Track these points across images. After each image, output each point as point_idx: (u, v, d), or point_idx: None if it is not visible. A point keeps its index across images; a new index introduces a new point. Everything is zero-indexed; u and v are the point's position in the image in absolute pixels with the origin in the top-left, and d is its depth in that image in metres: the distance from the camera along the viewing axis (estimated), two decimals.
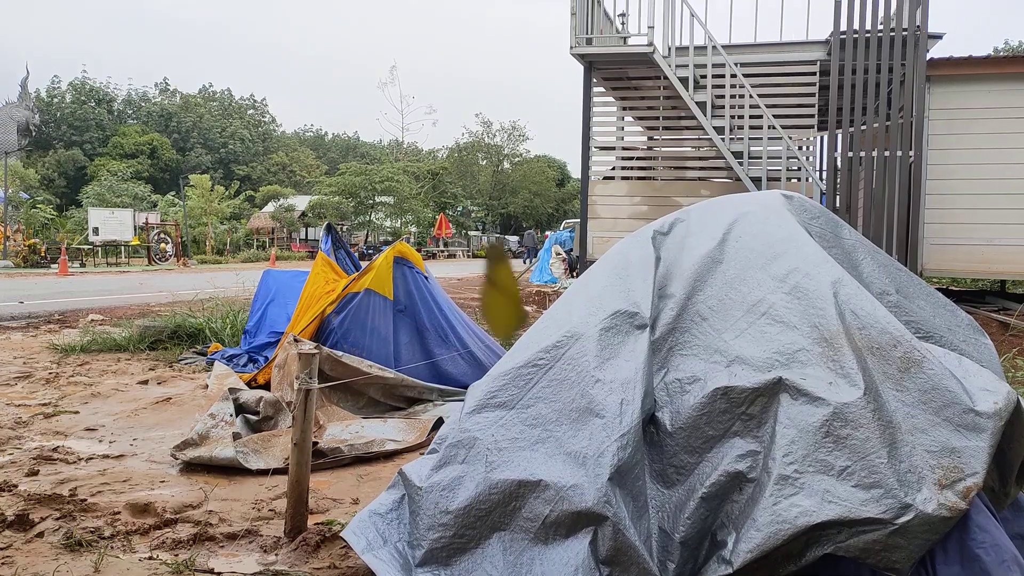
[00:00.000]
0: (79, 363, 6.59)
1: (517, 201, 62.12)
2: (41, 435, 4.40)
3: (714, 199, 3.66)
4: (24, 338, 8.04)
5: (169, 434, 4.47)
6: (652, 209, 10.85)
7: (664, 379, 2.95)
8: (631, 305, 3.07)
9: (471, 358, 5.70)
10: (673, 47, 10.10)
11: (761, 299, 3.00)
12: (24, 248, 27.68)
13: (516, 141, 63.92)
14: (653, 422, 2.88)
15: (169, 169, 57.22)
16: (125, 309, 10.86)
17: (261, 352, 6.37)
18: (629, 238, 3.54)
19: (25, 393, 5.44)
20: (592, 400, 2.82)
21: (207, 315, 7.82)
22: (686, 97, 9.82)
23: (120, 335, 7.43)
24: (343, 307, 5.37)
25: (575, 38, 10.19)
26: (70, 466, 3.85)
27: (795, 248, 3.12)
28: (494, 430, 2.90)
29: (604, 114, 11.42)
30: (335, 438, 4.25)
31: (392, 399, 5.14)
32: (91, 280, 19.26)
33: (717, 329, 3.00)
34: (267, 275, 7.26)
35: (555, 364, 2.99)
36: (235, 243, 41.67)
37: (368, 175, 47.01)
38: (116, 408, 5.06)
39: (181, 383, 5.86)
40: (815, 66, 10.05)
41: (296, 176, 62.71)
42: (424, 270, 5.92)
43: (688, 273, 3.18)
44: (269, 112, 76.51)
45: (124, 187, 44.56)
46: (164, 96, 69.75)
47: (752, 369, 2.81)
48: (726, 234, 3.26)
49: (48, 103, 57.77)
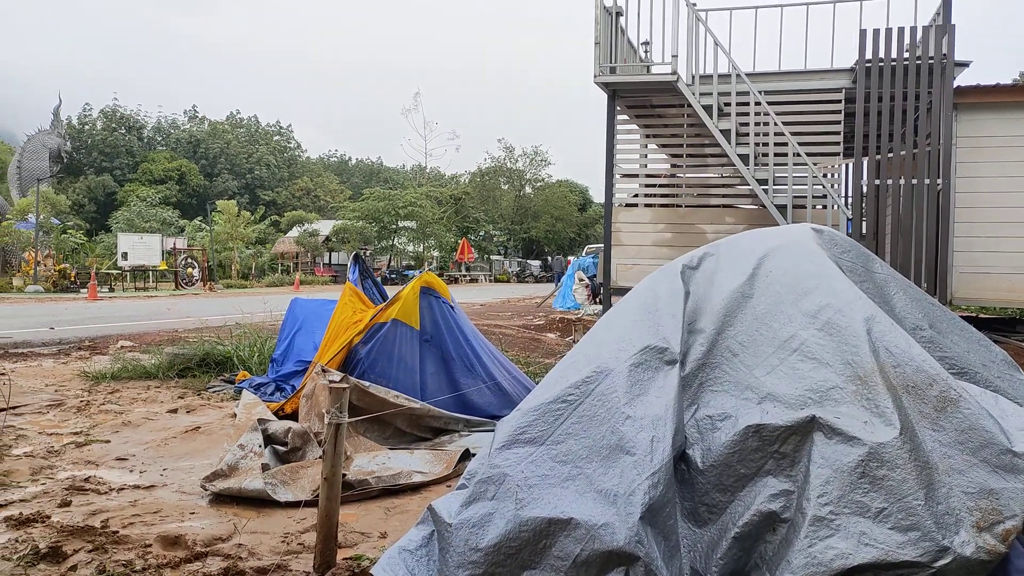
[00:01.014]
0: (110, 391, 6.67)
1: (539, 226, 62.29)
2: (73, 464, 4.45)
3: (743, 233, 3.66)
4: (55, 365, 8.15)
5: (198, 464, 4.50)
6: (676, 236, 10.84)
7: (695, 415, 2.94)
8: (660, 340, 3.06)
9: (497, 388, 5.70)
10: (697, 75, 10.13)
11: (793, 335, 2.98)
12: (54, 273, 28.13)
13: (538, 166, 64.29)
14: (684, 459, 2.86)
15: (197, 194, 58.06)
16: (154, 335, 10.99)
17: (288, 381, 6.41)
18: (658, 272, 3.54)
19: (57, 421, 5.51)
20: (622, 437, 2.81)
21: (235, 343, 7.89)
22: (710, 125, 9.83)
23: (150, 363, 7.52)
24: (370, 337, 5.40)
25: (599, 67, 10.26)
26: (102, 497, 3.88)
27: (826, 283, 3.10)
28: (524, 466, 2.89)
29: (628, 141, 11.45)
30: (362, 470, 4.26)
31: (418, 429, 5.15)
32: (120, 305, 19.53)
33: (748, 365, 2.98)
34: (295, 303, 7.33)
35: (585, 400, 2.98)
36: (260, 268, 42.08)
37: (391, 200, 47.41)
38: (146, 437, 5.10)
39: (210, 412, 5.91)
40: (840, 94, 10.03)
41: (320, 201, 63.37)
42: (450, 299, 5.95)
43: (718, 308, 3.17)
44: (294, 138, 77.63)
45: (153, 212, 45.29)
46: (193, 123, 70.98)
47: (784, 407, 2.79)
48: (756, 269, 3.25)
49: (79, 130, 58.97)
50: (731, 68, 9.95)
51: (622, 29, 10.60)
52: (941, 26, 9.08)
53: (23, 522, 3.45)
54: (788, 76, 10.49)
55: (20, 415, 5.64)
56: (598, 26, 10.11)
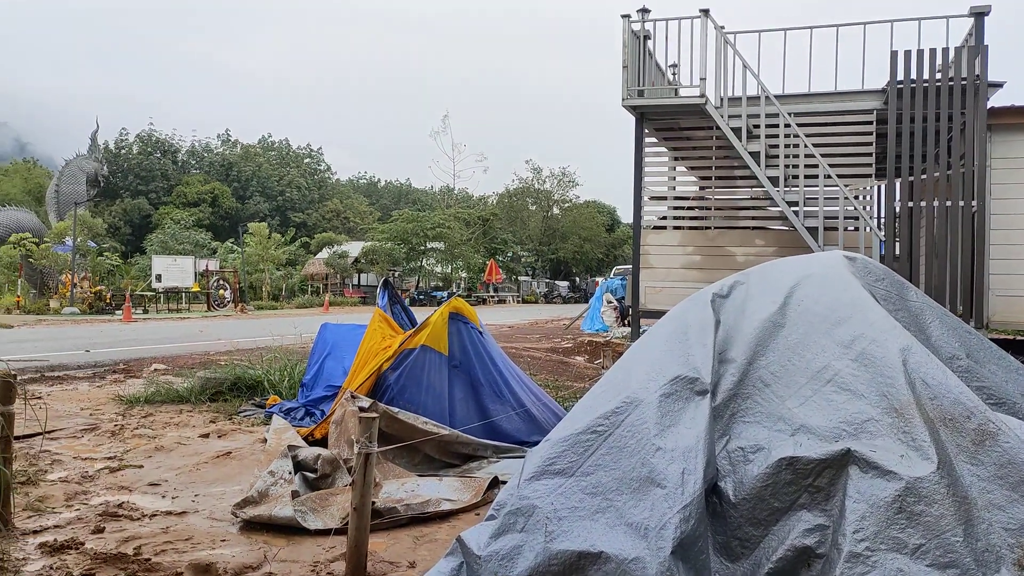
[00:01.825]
0: (143, 415, 6.75)
1: (567, 246, 62.28)
2: (107, 490, 4.50)
3: (774, 261, 3.62)
4: (90, 388, 8.28)
5: (229, 490, 4.53)
6: (705, 259, 10.77)
7: (726, 447, 2.90)
8: (691, 370, 3.03)
9: (525, 414, 5.68)
10: (725, 97, 10.10)
11: (826, 366, 2.94)
12: (90, 295, 28.63)
13: (566, 187, 64.37)
14: (716, 492, 2.82)
15: (229, 217, 58.88)
16: (187, 358, 11.12)
17: (318, 405, 6.45)
18: (687, 300, 3.52)
19: (91, 446, 5.59)
20: (653, 469, 2.78)
21: (265, 367, 7.96)
22: (739, 148, 9.78)
23: (182, 386, 7.61)
24: (399, 363, 5.42)
25: (627, 90, 10.28)
26: (134, 523, 3.92)
27: (860, 313, 3.05)
28: (553, 498, 2.87)
29: (656, 164, 11.43)
30: (391, 497, 4.26)
31: (447, 455, 5.14)
32: (153, 327, 19.81)
33: (780, 396, 2.94)
34: (324, 328, 7.39)
35: (615, 431, 2.95)
36: (290, 289, 42.49)
37: (420, 221, 47.72)
38: (178, 462, 5.15)
39: (240, 436, 5.96)
40: (872, 115, 9.94)
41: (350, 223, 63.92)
42: (479, 324, 5.96)
43: (749, 337, 3.13)
44: (325, 160, 78.51)
45: (186, 235, 45.99)
46: (226, 146, 72.14)
47: (818, 439, 2.74)
48: (788, 297, 3.21)
49: (116, 154, 60.18)
50: (760, 90, 9.92)
51: (650, 52, 10.62)
52: (974, 47, 8.98)
53: (57, 548, 3.50)
54: (818, 98, 10.42)
55: (56, 439, 5.73)
56: (626, 50, 10.14)
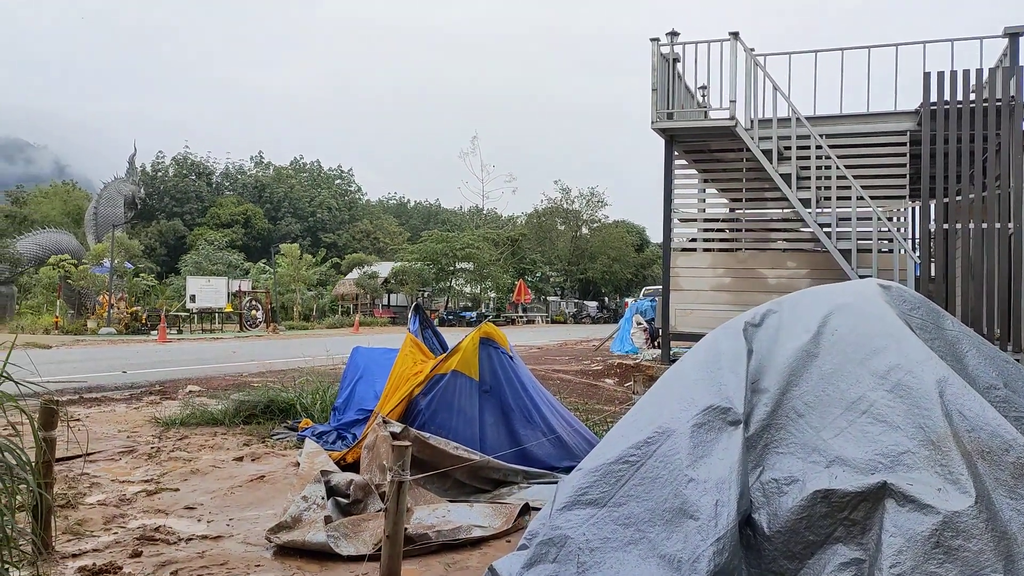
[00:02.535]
0: (179, 437, 6.85)
1: (596, 267, 62.15)
2: (144, 513, 4.57)
3: (806, 290, 3.61)
4: (127, 410, 8.42)
5: (263, 514, 4.58)
6: (736, 281, 10.71)
7: (760, 478, 2.88)
8: (723, 400, 3.02)
9: (556, 439, 5.67)
10: (756, 119, 10.10)
11: (861, 396, 2.91)
12: (126, 315, 29.13)
13: (595, 207, 64.33)
14: (749, 524, 2.80)
15: (261, 237, 59.66)
16: (220, 379, 11.26)
17: (350, 429, 6.50)
18: (719, 329, 3.51)
19: (129, 468, 5.68)
20: (686, 500, 2.77)
21: (297, 389, 8.04)
22: (770, 170, 9.75)
23: (216, 408, 7.71)
24: (430, 389, 5.46)
25: (656, 113, 10.31)
26: (171, 547, 3.98)
27: (895, 343, 3.02)
28: (585, 528, 2.87)
29: (686, 185, 11.42)
30: (422, 523, 4.27)
31: (477, 480, 5.15)
32: (187, 348, 20.09)
33: (815, 427, 2.92)
34: (356, 352, 7.45)
35: (647, 461, 2.95)
36: (321, 309, 42.86)
37: (449, 242, 47.94)
38: (213, 486, 5.22)
39: (274, 460, 6.02)
40: (905, 136, 9.86)
41: (380, 243, 64.39)
42: (509, 349, 5.97)
43: (782, 367, 3.11)
44: (355, 181, 79.41)
45: (219, 255, 46.65)
46: (259, 168, 73.22)
47: (854, 471, 2.72)
48: (821, 327, 3.19)
49: (153, 176, 61.34)
50: (791, 112, 9.89)
51: (679, 75, 10.64)
52: (1008, 68, 8.89)
53: (96, 573, 3.56)
54: (850, 119, 10.37)
55: (94, 462, 5.83)
56: (655, 73, 10.18)
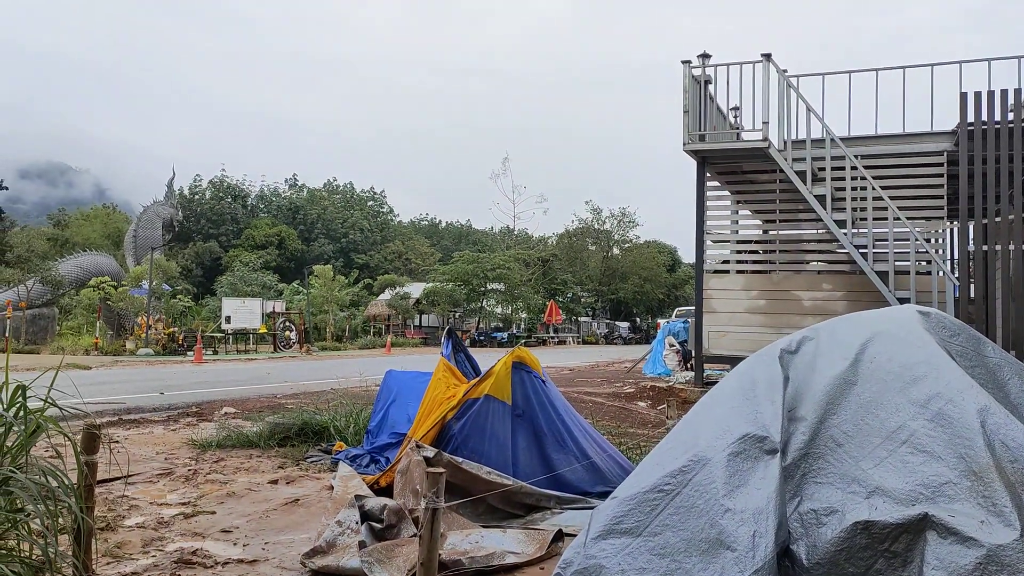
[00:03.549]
0: (215, 459, 6.93)
1: (627, 287, 61.96)
2: (181, 536, 4.63)
3: (843, 316, 3.57)
4: (165, 432, 8.55)
5: (298, 538, 4.61)
6: (770, 303, 10.60)
7: (798, 509, 2.84)
8: (760, 429, 2.99)
9: (589, 464, 5.65)
10: (789, 140, 10.03)
11: (901, 426, 2.87)
12: (164, 336, 29.61)
13: (626, 227, 64.24)
14: (788, 555, 2.76)
15: (295, 259, 60.36)
16: (255, 401, 11.39)
17: (383, 453, 6.52)
18: (754, 356, 3.48)
19: (167, 491, 5.76)
20: (722, 531, 2.74)
21: (331, 412, 8.10)
22: (804, 191, 9.67)
23: (251, 431, 7.80)
24: (463, 413, 5.47)
25: (688, 135, 10.29)
26: (207, 571, 4.02)
27: (935, 371, 2.98)
28: (620, 558, 2.84)
29: (718, 207, 11.36)
30: (456, 549, 4.27)
31: (510, 505, 5.14)
32: (223, 369, 20.35)
33: (854, 457, 2.88)
34: (389, 376, 7.50)
35: (682, 490, 2.92)
36: (353, 330, 43.17)
37: (480, 263, 48.14)
38: (249, 509, 5.27)
39: (308, 483, 6.06)
40: (942, 156, 9.73)
41: (411, 264, 64.82)
42: (541, 373, 5.97)
43: (819, 395, 3.08)
44: (387, 203, 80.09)
45: (254, 276, 47.26)
46: (293, 190, 74.27)
47: (894, 502, 2.67)
48: (859, 354, 3.16)
49: (190, 199, 62.50)
50: (824, 132, 9.82)
51: (711, 96, 10.63)
52: None
53: None
54: (885, 140, 10.26)
55: (133, 484, 5.92)
56: (687, 94, 10.18)
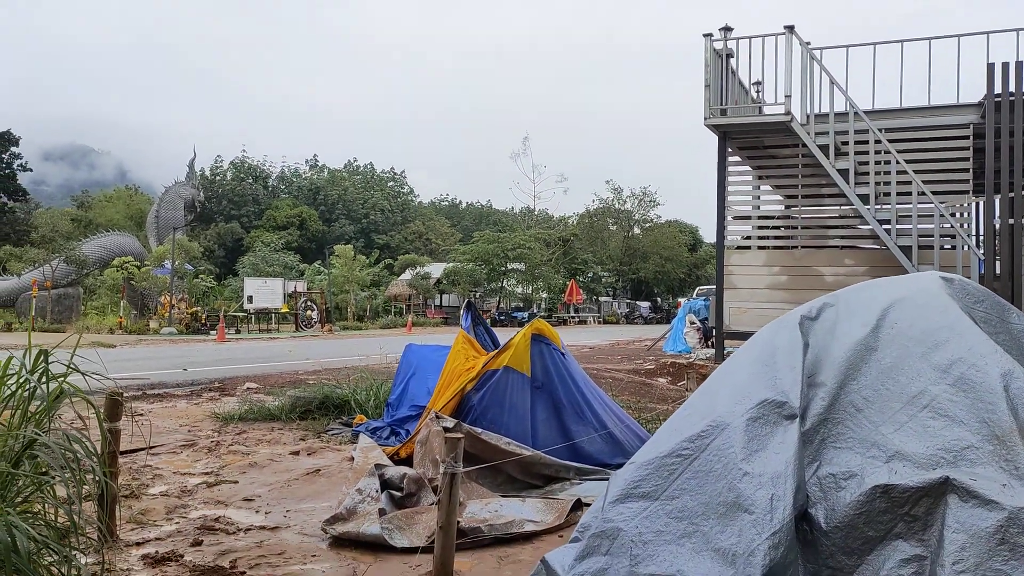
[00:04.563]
0: (237, 431, 7.02)
1: (648, 266, 61.66)
2: (204, 504, 4.69)
3: (865, 283, 3.53)
4: (188, 406, 8.66)
5: (319, 506, 4.66)
6: (792, 279, 10.51)
7: (816, 473, 2.83)
8: (778, 394, 2.97)
9: (608, 436, 5.65)
10: (812, 114, 9.90)
11: (922, 391, 2.84)
12: (187, 316, 29.94)
13: (647, 207, 63.86)
14: (806, 519, 2.75)
15: (315, 239, 60.66)
16: (277, 377, 11.50)
17: (403, 425, 6.57)
18: (774, 323, 3.46)
19: (190, 461, 5.85)
20: (740, 494, 2.73)
21: (352, 386, 8.17)
22: (827, 165, 9.56)
23: (273, 405, 7.88)
24: (482, 384, 5.49)
25: (709, 109, 10.19)
26: (230, 537, 4.07)
27: (958, 336, 2.94)
28: (638, 521, 2.85)
29: (739, 183, 11.26)
30: (475, 517, 4.30)
31: (529, 476, 5.16)
32: (245, 347, 20.55)
33: (874, 422, 2.86)
34: (409, 349, 7.53)
35: (700, 455, 2.92)
36: (374, 310, 43.42)
37: (500, 243, 48.08)
38: (271, 478, 5.34)
39: (329, 454, 6.13)
40: (968, 129, 9.57)
41: (432, 244, 64.91)
42: (561, 346, 5.97)
43: (840, 361, 3.06)
44: (408, 183, 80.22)
45: (276, 257, 47.60)
46: (313, 171, 74.52)
47: (915, 466, 2.65)
48: (880, 320, 3.12)
49: (211, 180, 62.91)
50: (848, 106, 9.68)
51: (732, 71, 10.50)
52: None
53: (159, 560, 3.66)
54: (910, 113, 10.10)
55: (157, 455, 6.01)
56: (708, 69, 10.07)
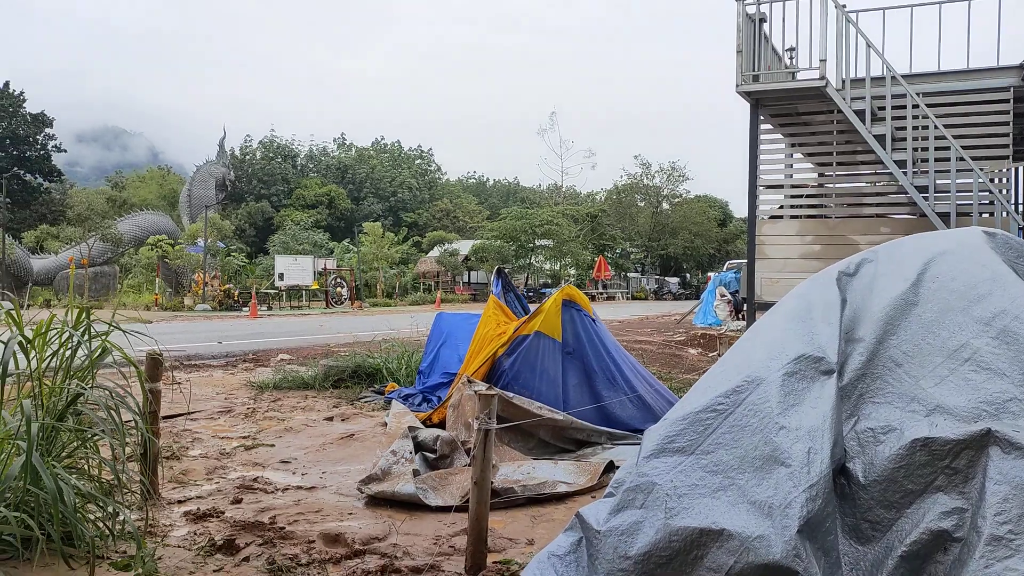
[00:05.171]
0: (272, 399, 7.12)
1: (677, 242, 61.17)
2: (242, 465, 4.78)
3: (905, 238, 3.47)
4: (224, 375, 8.80)
5: (354, 468, 4.72)
6: (825, 248, 10.36)
7: (855, 427, 2.80)
8: (816, 349, 2.94)
9: (639, 401, 5.65)
10: (847, 79, 9.70)
11: (964, 344, 2.80)
12: (220, 293, 30.33)
13: (676, 182, 63.24)
14: (844, 473, 2.73)
15: (344, 218, 60.95)
16: (309, 349, 11.62)
17: (434, 392, 6.62)
18: (809, 280, 3.42)
19: (227, 427, 5.95)
20: (776, 448, 2.71)
21: (383, 356, 8.23)
22: (863, 131, 9.37)
23: (307, 374, 7.98)
24: (513, 349, 5.50)
25: (741, 76, 10.01)
26: (268, 495, 4.15)
27: (1001, 289, 2.89)
28: (673, 475, 2.85)
29: (771, 151, 11.08)
30: (508, 479, 4.33)
31: (561, 441, 5.18)
32: (277, 322, 20.79)
33: (914, 376, 2.82)
34: (440, 318, 7.57)
35: (735, 409, 2.90)
36: (403, 287, 43.65)
37: (528, 219, 47.93)
38: (306, 442, 5.41)
39: (362, 420, 6.19)
40: (1008, 92, 9.31)
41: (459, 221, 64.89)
42: (592, 313, 5.96)
43: (879, 316, 3.01)
44: (435, 161, 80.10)
45: (305, 235, 47.95)
46: (341, 150, 74.72)
47: (956, 419, 2.62)
48: (921, 274, 3.07)
49: (241, 160, 63.35)
50: (885, 70, 9.47)
51: (765, 36, 10.31)
52: None
53: (200, 516, 3.74)
54: (949, 76, 9.86)
55: (195, 420, 6.12)
56: (740, 34, 9.89)
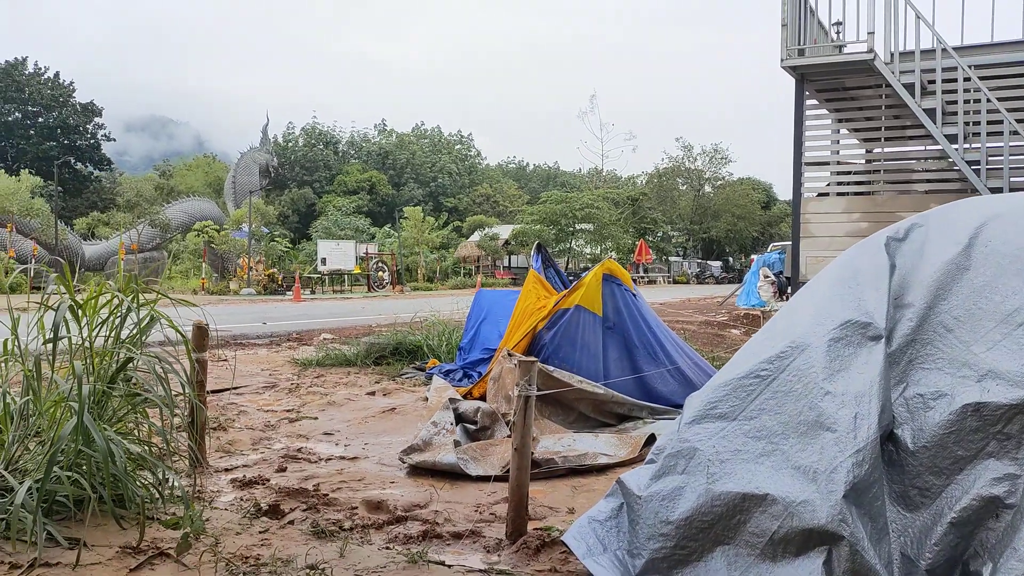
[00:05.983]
0: (315, 375, 7.22)
1: (719, 225, 60.41)
2: (287, 437, 4.86)
3: (956, 202, 3.37)
4: (269, 353, 8.94)
5: (395, 440, 4.77)
6: (872, 226, 10.13)
7: (903, 394, 2.74)
8: (863, 315, 2.88)
9: (680, 376, 5.60)
10: (896, 52, 9.44)
11: (1017, 308, 2.71)
12: (264, 277, 30.82)
13: (718, 164, 62.39)
14: (891, 439, 2.68)
15: (385, 203, 61.37)
16: (351, 329, 11.77)
17: (475, 368, 6.65)
18: (856, 247, 3.34)
19: (272, 401, 6.05)
20: (822, 413, 2.67)
21: (424, 333, 8.29)
22: (913, 105, 9.13)
23: (349, 351, 8.08)
24: (554, 323, 5.49)
25: (786, 50, 9.81)
26: (312, 464, 4.21)
27: None
28: (715, 441, 2.82)
29: (817, 127, 10.86)
30: (548, 450, 4.33)
31: (602, 415, 5.16)
32: (320, 305, 21.07)
33: (965, 341, 2.75)
34: (480, 295, 7.60)
35: (779, 375, 2.86)
36: (444, 271, 43.88)
37: (568, 203, 47.72)
38: (348, 416, 5.48)
39: (404, 395, 6.25)
40: None
41: (499, 206, 64.90)
42: (632, 288, 5.92)
43: (929, 281, 2.94)
44: (475, 146, 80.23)
45: (347, 221, 48.43)
46: (382, 136, 75.16)
47: (1008, 384, 2.55)
48: (973, 239, 2.98)
49: (284, 147, 64.12)
50: (935, 42, 9.20)
51: (811, 9, 10.08)
52: None
53: (247, 483, 3.82)
54: (1002, 47, 9.54)
55: (241, 395, 6.23)
56: (785, 7, 9.68)
